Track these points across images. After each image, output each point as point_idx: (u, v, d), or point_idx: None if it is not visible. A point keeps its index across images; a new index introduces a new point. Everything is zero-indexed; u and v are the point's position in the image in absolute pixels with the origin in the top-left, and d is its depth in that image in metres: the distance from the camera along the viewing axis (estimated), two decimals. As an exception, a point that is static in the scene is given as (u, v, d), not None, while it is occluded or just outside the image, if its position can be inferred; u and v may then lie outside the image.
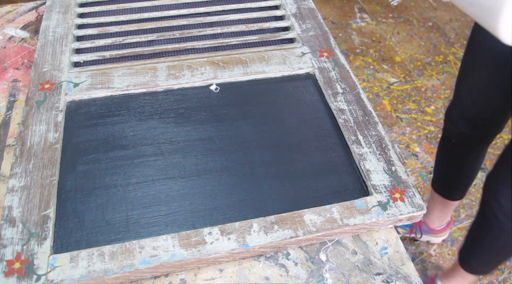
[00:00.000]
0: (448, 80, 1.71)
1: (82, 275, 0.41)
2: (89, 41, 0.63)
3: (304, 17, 0.68)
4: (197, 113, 0.55)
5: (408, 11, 2.02)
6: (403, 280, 0.45)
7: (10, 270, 0.41)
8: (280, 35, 0.65)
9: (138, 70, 0.59)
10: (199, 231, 0.44)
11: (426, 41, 1.86)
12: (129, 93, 0.57)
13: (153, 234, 0.44)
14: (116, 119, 0.54)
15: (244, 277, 0.44)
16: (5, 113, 0.58)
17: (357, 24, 1.94)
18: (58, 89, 0.56)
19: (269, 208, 0.47)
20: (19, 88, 0.62)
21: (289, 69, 0.60)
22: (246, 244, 0.43)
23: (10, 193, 0.46)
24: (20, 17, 0.73)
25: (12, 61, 0.65)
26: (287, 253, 0.46)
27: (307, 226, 0.45)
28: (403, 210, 0.47)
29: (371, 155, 0.51)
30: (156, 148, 0.51)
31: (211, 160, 0.50)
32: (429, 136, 1.51)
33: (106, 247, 0.43)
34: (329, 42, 0.65)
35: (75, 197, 0.47)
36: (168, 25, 0.66)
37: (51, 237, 0.43)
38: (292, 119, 0.55)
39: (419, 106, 1.61)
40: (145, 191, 0.48)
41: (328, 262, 0.46)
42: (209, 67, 0.60)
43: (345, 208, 0.46)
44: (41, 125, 0.52)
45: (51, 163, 0.49)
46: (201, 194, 0.47)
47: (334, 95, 0.57)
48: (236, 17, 0.68)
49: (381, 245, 0.47)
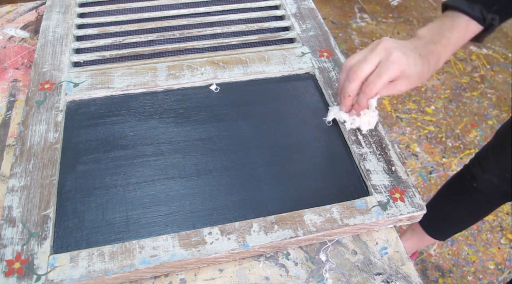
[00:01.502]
0: (448, 80, 1.71)
1: (82, 275, 0.41)
2: (89, 41, 0.63)
3: (304, 17, 0.68)
4: (197, 113, 0.55)
5: (408, 11, 2.02)
6: (403, 280, 0.45)
7: (10, 270, 0.41)
8: (280, 35, 0.65)
9: (138, 70, 0.59)
10: (199, 231, 0.44)
11: (426, 41, 1.86)
12: (129, 93, 0.57)
13: (153, 234, 0.44)
14: (116, 119, 0.54)
15: (244, 277, 0.44)
16: (5, 113, 0.58)
17: (357, 24, 1.94)
18: (58, 89, 0.56)
19: (269, 208, 0.47)
20: (19, 88, 0.62)
21: (289, 69, 0.60)
22: (246, 244, 0.43)
23: (10, 193, 0.46)
24: (20, 17, 0.73)
25: (12, 61, 0.65)
26: (287, 253, 0.46)
27: (307, 226, 0.45)
28: (403, 210, 0.47)
29: (371, 155, 0.51)
30: (156, 148, 0.51)
31: (211, 160, 0.50)
32: (429, 137, 1.51)
33: (106, 247, 0.43)
34: (329, 42, 0.65)
35: (75, 197, 0.47)
36: (168, 25, 0.66)
37: (51, 237, 0.43)
38: (292, 119, 0.55)
39: (419, 106, 1.61)
40: (145, 191, 0.48)
41: (328, 262, 0.46)
42: (209, 67, 0.60)
43: (345, 208, 0.46)
44: (41, 125, 0.52)
45: (51, 163, 0.49)
46: (201, 194, 0.47)
47: (334, 95, 0.57)
48: (236, 17, 0.68)
49: (381, 245, 0.47)
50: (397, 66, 0.47)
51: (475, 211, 0.94)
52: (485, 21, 0.50)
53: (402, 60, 0.47)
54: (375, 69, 0.48)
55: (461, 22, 0.50)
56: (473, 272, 1.21)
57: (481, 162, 0.85)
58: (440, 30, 0.50)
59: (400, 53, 0.47)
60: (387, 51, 0.47)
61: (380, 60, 0.47)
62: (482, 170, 0.84)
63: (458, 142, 1.50)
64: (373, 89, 0.48)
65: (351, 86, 0.49)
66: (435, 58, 0.50)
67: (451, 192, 0.96)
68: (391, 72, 0.47)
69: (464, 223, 0.99)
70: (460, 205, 0.94)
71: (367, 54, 0.49)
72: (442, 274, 1.21)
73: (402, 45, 0.48)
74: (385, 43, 0.48)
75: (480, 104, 1.63)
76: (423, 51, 0.49)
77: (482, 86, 1.70)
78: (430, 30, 0.51)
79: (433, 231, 1.03)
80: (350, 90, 0.49)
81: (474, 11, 0.49)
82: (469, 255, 1.24)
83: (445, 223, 1.00)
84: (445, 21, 0.51)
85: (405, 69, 0.47)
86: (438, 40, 0.50)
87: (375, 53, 0.48)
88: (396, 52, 0.47)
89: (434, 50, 0.50)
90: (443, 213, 0.98)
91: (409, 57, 0.47)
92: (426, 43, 0.50)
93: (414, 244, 1.09)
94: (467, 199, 0.92)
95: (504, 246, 1.26)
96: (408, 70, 0.48)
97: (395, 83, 0.49)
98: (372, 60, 0.48)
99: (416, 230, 1.06)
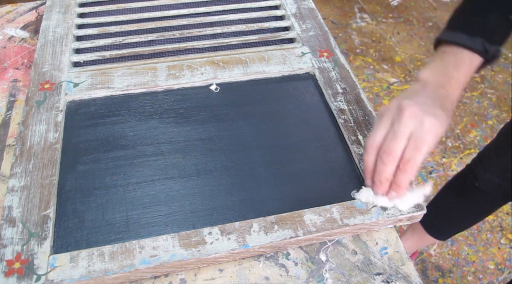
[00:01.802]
0: (448, 80, 1.71)
1: (82, 275, 0.41)
2: (89, 41, 0.63)
3: (304, 17, 0.68)
4: (197, 113, 0.55)
5: (408, 11, 2.02)
6: (403, 280, 0.45)
7: (10, 270, 0.41)
8: (280, 35, 0.65)
9: (138, 70, 0.59)
10: (199, 231, 0.44)
11: (426, 41, 1.86)
12: (129, 93, 0.57)
13: (153, 234, 0.44)
14: (116, 119, 0.54)
15: (244, 277, 0.44)
16: (5, 113, 0.58)
17: (357, 24, 1.94)
18: (58, 89, 0.56)
19: (269, 208, 0.47)
20: (19, 88, 0.62)
21: (289, 69, 0.60)
22: (246, 244, 0.43)
23: (10, 193, 0.46)
24: (20, 17, 0.73)
25: (12, 61, 0.65)
26: (287, 253, 0.46)
27: (307, 226, 0.45)
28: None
29: (371, 155, 0.51)
30: (156, 148, 0.51)
31: (211, 160, 0.50)
32: (429, 136, 1.51)
33: (106, 247, 0.43)
34: (329, 42, 0.65)
35: (75, 197, 0.47)
36: (168, 25, 0.66)
37: (51, 237, 0.43)
38: (292, 119, 0.55)
39: (419, 106, 1.61)
40: (145, 191, 0.48)
41: (328, 262, 0.46)
42: (209, 67, 0.60)
43: (345, 208, 0.46)
44: (41, 125, 0.52)
45: (51, 163, 0.49)
46: (201, 194, 0.47)
47: (334, 95, 0.57)
48: (236, 17, 0.68)
49: (381, 245, 0.47)
50: (434, 135, 0.42)
51: (476, 211, 0.94)
52: (488, 54, 0.46)
53: (436, 127, 0.42)
54: (410, 143, 0.42)
55: (464, 58, 0.46)
56: (473, 272, 1.21)
57: (483, 161, 0.85)
58: (445, 70, 0.46)
59: (433, 118, 0.42)
60: (417, 119, 0.42)
61: (411, 132, 0.42)
62: (484, 169, 0.84)
63: (458, 141, 1.50)
64: (414, 166, 0.42)
65: (387, 170, 0.43)
66: (451, 104, 0.45)
67: (453, 191, 0.96)
68: (430, 143, 0.42)
69: (465, 223, 0.99)
70: (461, 204, 0.94)
71: (395, 127, 0.43)
72: (442, 274, 1.21)
73: (423, 104, 0.43)
74: (410, 110, 0.42)
75: (480, 104, 1.63)
76: (440, 101, 0.44)
77: (482, 86, 1.70)
78: (433, 72, 0.47)
79: (434, 231, 1.03)
80: (388, 174, 0.43)
81: (476, 45, 0.45)
82: (469, 255, 1.24)
83: (446, 222, 1.00)
84: (446, 59, 0.47)
85: (441, 134, 0.43)
86: (447, 82, 0.46)
87: (404, 124, 0.42)
88: (428, 118, 0.42)
89: (447, 95, 0.45)
90: (445, 212, 0.98)
91: (438, 117, 0.42)
92: (436, 89, 0.45)
93: (414, 243, 1.09)
94: (469, 198, 0.92)
95: (504, 246, 1.26)
96: (442, 132, 0.43)
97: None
98: (405, 134, 0.42)
99: (416, 230, 1.06)
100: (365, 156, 0.45)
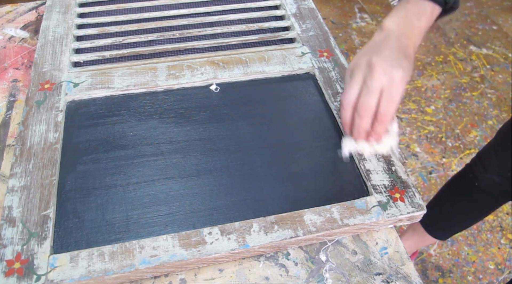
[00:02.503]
0: (448, 80, 1.71)
1: (82, 275, 0.41)
2: (89, 41, 0.63)
3: (304, 17, 0.68)
4: (197, 113, 0.55)
5: (408, 11, 2.01)
6: (403, 280, 0.45)
7: (10, 270, 0.41)
8: (280, 35, 0.65)
9: (138, 70, 0.59)
10: (199, 231, 0.44)
11: (426, 41, 1.86)
12: (129, 93, 0.57)
13: (153, 234, 0.44)
14: (116, 119, 0.54)
15: (244, 277, 0.44)
16: (5, 113, 0.58)
17: (357, 24, 1.94)
18: (58, 89, 0.56)
19: (269, 208, 0.47)
20: (19, 88, 0.62)
21: (289, 69, 0.60)
22: (246, 244, 0.43)
23: (10, 193, 0.46)
24: (20, 17, 0.73)
25: (12, 61, 0.65)
26: (287, 253, 0.46)
27: (307, 226, 0.45)
28: (403, 210, 0.47)
29: (371, 154, 0.51)
30: (156, 148, 0.51)
31: (211, 160, 0.50)
32: (429, 137, 1.51)
33: (106, 247, 0.43)
34: (329, 42, 0.65)
35: (75, 197, 0.47)
36: (168, 25, 0.66)
37: (51, 237, 0.43)
38: (292, 119, 0.55)
39: (419, 106, 1.61)
40: (145, 191, 0.48)
41: (328, 262, 0.46)
42: (209, 67, 0.60)
43: (345, 208, 0.46)
44: (41, 125, 0.52)
45: (51, 163, 0.49)
46: (201, 194, 0.47)
47: (334, 95, 0.57)
48: (236, 17, 0.68)
49: (381, 245, 0.47)
50: (403, 85, 0.45)
51: (476, 210, 0.94)
52: (448, 4, 0.50)
53: (404, 78, 0.45)
54: (383, 96, 0.45)
55: (426, 8, 0.49)
56: (473, 272, 1.21)
57: (483, 160, 0.85)
58: (408, 20, 0.49)
59: (401, 71, 0.45)
60: (387, 74, 0.45)
61: (383, 86, 0.45)
62: (483, 168, 0.84)
63: (458, 142, 1.50)
64: (389, 116, 0.46)
65: (364, 122, 0.46)
66: (413, 51, 0.49)
67: (453, 191, 0.96)
68: (400, 93, 0.45)
69: (465, 222, 0.99)
70: (461, 204, 0.94)
71: (368, 83, 0.46)
72: (442, 274, 1.21)
73: (390, 58, 0.46)
74: (381, 66, 0.45)
75: (480, 104, 1.63)
76: (404, 50, 0.48)
77: (482, 86, 1.70)
78: (396, 21, 0.49)
79: (434, 230, 1.03)
80: (365, 125, 0.47)
81: None
82: (469, 255, 1.24)
83: (446, 222, 1.00)
84: (409, 9, 0.49)
85: (408, 80, 0.46)
86: (409, 32, 0.49)
87: (376, 80, 0.45)
88: (397, 72, 0.45)
89: (410, 44, 0.48)
90: (445, 211, 0.98)
91: (405, 69, 0.46)
92: (399, 39, 0.48)
93: (414, 243, 1.09)
94: (469, 197, 0.92)
95: (504, 246, 1.26)
96: (409, 79, 0.47)
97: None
98: (378, 89, 0.45)
99: (417, 230, 1.06)
100: (343, 112, 0.48)
